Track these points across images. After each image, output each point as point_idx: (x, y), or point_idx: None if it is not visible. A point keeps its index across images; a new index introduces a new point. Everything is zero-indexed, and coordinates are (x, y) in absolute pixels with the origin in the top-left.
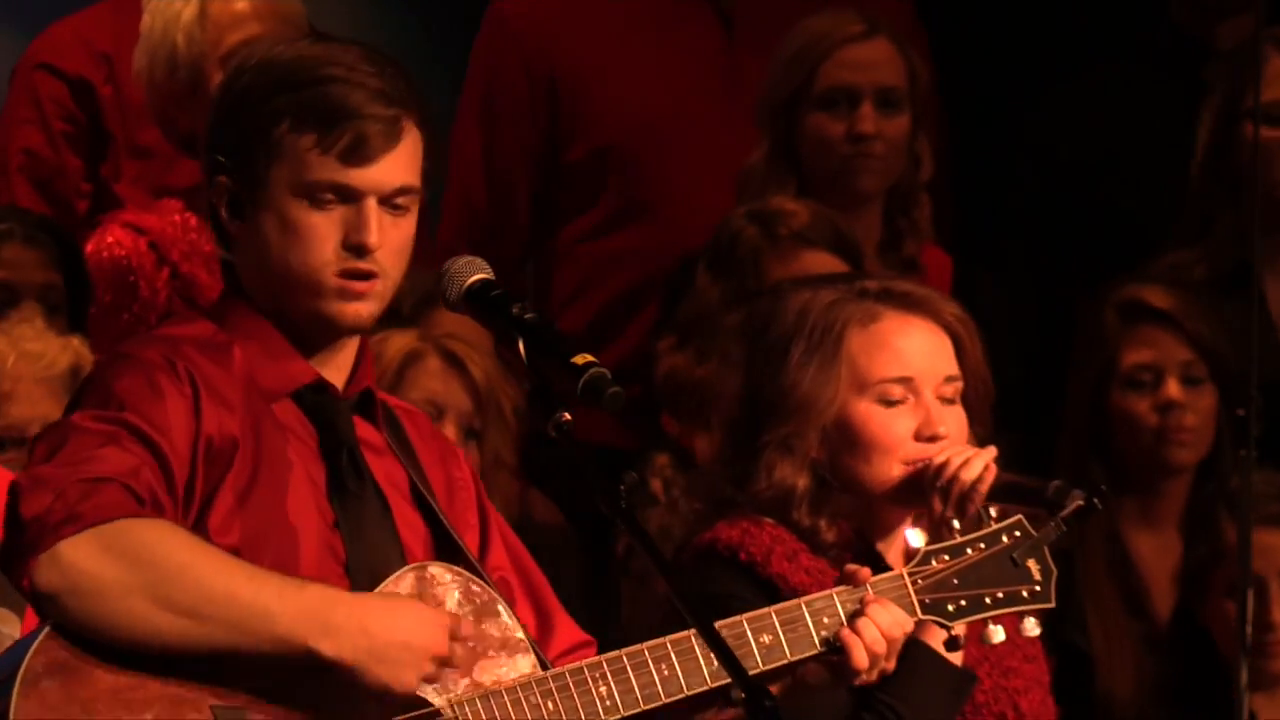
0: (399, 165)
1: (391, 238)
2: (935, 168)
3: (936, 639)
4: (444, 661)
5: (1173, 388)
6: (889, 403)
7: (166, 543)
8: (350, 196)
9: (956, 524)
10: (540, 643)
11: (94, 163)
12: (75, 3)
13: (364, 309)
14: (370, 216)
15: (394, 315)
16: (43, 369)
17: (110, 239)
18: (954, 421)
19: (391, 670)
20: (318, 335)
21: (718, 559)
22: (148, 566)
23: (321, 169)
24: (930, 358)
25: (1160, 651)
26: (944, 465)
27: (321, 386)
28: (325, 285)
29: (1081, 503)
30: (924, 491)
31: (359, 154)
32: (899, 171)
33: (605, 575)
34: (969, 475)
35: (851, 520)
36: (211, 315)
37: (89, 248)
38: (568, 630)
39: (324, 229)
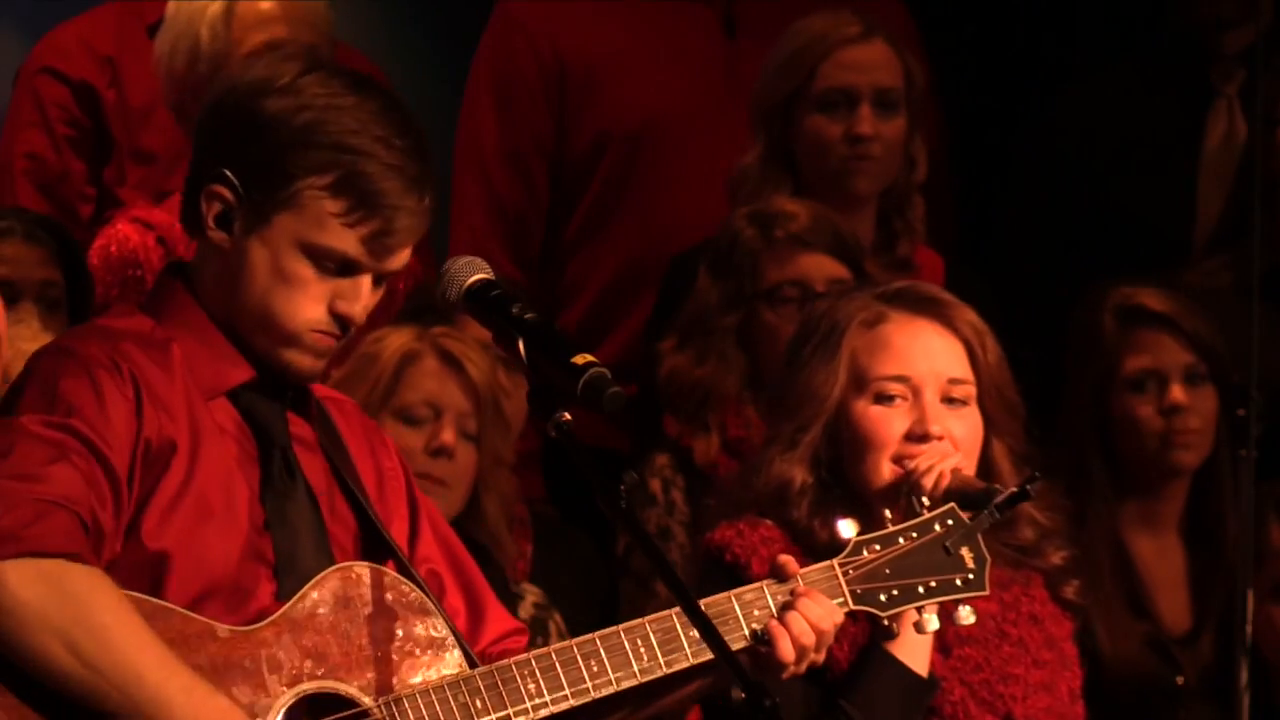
0: (411, 250)
1: (370, 303)
2: (932, 170)
3: (901, 646)
4: None
5: (1177, 391)
6: (886, 401)
7: (99, 599)
8: (353, 271)
9: (889, 514)
10: (471, 631)
11: (97, 167)
12: (79, 6)
13: (321, 365)
14: (364, 291)
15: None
16: None
17: (119, 233)
18: (959, 425)
19: None
20: (265, 361)
21: (709, 558)
22: (73, 611)
23: (339, 239)
24: (931, 358)
25: (1165, 651)
26: (914, 470)
27: (257, 385)
28: (300, 340)
29: (1015, 490)
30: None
31: (383, 244)
32: (895, 173)
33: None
34: (929, 483)
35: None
36: (148, 309)
37: (98, 242)
38: (499, 618)
39: (317, 290)
